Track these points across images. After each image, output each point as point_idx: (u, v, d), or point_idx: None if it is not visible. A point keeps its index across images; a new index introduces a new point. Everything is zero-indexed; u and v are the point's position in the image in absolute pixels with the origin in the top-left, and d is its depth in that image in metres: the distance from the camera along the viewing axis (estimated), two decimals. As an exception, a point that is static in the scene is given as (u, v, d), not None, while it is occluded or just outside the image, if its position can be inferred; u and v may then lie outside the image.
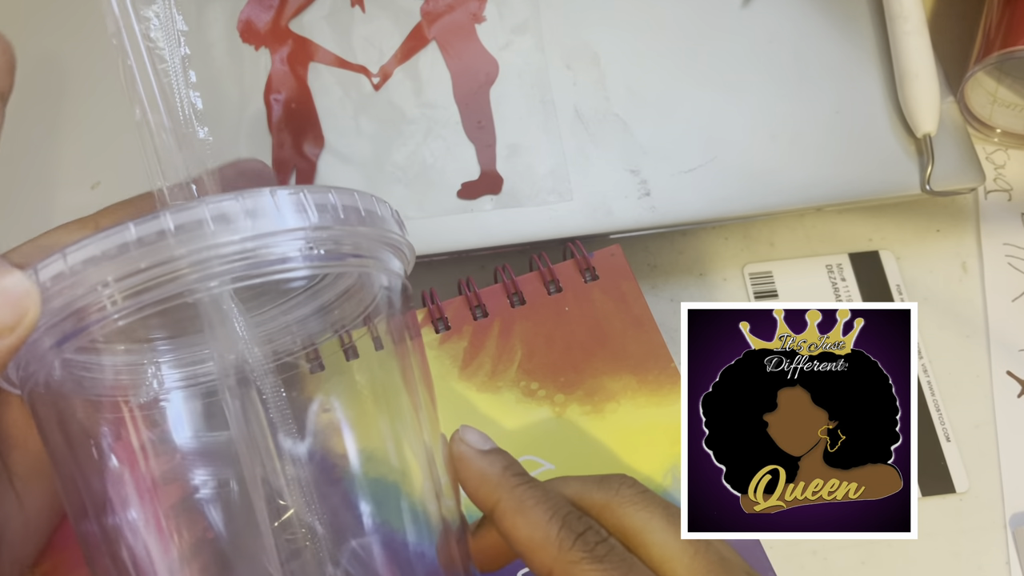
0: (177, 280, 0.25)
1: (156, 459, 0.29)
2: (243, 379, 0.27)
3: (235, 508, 0.29)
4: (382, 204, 0.29)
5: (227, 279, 0.25)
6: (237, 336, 0.27)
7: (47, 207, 0.44)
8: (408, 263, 0.31)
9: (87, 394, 0.28)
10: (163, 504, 0.29)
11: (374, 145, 0.46)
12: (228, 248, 0.25)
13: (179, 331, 0.30)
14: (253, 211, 0.25)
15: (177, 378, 0.30)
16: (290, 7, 0.48)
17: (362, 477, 0.31)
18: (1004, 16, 0.49)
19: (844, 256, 0.49)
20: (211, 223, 0.24)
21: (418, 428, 0.30)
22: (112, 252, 0.24)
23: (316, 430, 0.30)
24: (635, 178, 0.46)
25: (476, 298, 0.42)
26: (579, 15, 0.49)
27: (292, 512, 0.27)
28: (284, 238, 0.26)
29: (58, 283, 0.24)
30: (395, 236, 0.29)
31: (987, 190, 0.52)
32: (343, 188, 0.27)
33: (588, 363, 0.40)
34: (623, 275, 0.42)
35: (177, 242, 0.24)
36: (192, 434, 0.30)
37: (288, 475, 0.27)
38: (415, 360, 0.31)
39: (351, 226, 0.27)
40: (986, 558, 0.43)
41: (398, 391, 0.31)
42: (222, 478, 0.29)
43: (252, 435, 0.27)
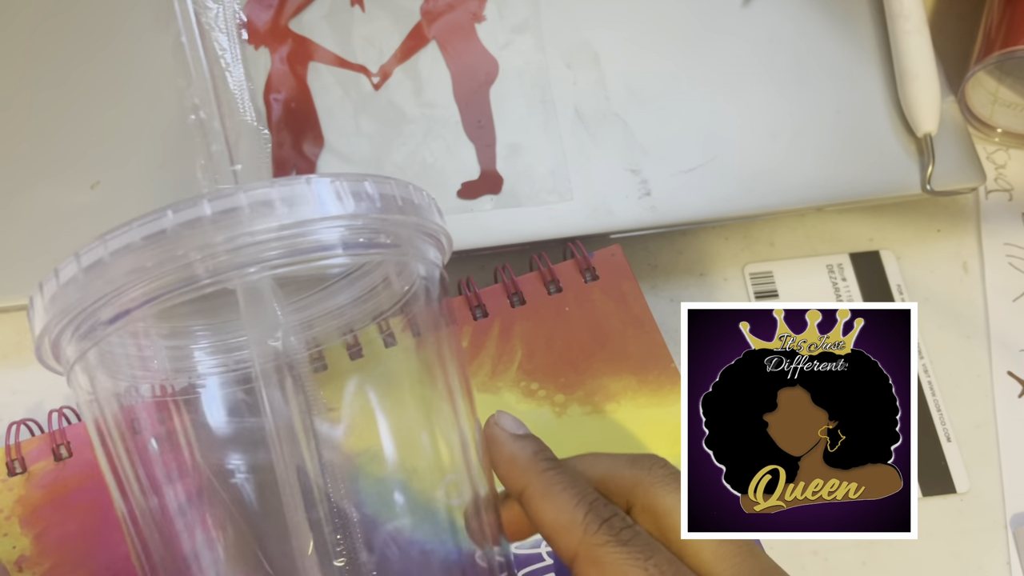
0: (214, 266, 0.25)
1: (191, 444, 0.29)
2: (279, 366, 0.27)
3: (269, 495, 0.29)
4: (419, 192, 0.29)
5: (266, 266, 0.25)
6: (275, 323, 0.27)
7: (47, 207, 0.44)
8: (446, 252, 0.31)
9: (124, 377, 0.29)
10: (196, 488, 0.29)
11: (374, 145, 0.46)
12: (266, 235, 0.25)
13: (219, 317, 0.30)
14: (290, 199, 0.25)
15: (214, 364, 0.31)
16: (290, 6, 0.48)
17: (396, 463, 0.31)
18: (1005, 16, 0.49)
19: (845, 256, 0.49)
20: (248, 209, 0.24)
21: (453, 414, 0.30)
22: (152, 238, 0.24)
23: (352, 418, 0.30)
24: (635, 178, 0.46)
25: (476, 298, 0.41)
26: (579, 15, 0.49)
27: (323, 496, 0.27)
28: (322, 225, 0.26)
29: (97, 269, 0.25)
30: (433, 225, 0.29)
31: (988, 190, 0.52)
32: (380, 176, 0.27)
33: (588, 363, 0.40)
34: (623, 275, 0.42)
35: (214, 228, 0.24)
36: (227, 420, 0.30)
37: (323, 463, 0.27)
38: (450, 348, 0.31)
39: (388, 214, 0.27)
40: (987, 558, 0.43)
41: (434, 378, 0.31)
42: (256, 465, 0.30)
43: (288, 423, 0.27)
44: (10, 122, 0.46)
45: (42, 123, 0.46)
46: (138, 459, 0.28)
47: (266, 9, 0.48)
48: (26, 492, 0.39)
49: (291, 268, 0.26)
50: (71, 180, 0.44)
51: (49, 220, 0.44)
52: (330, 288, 0.31)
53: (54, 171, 0.45)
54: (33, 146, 0.45)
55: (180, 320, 0.30)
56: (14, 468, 0.39)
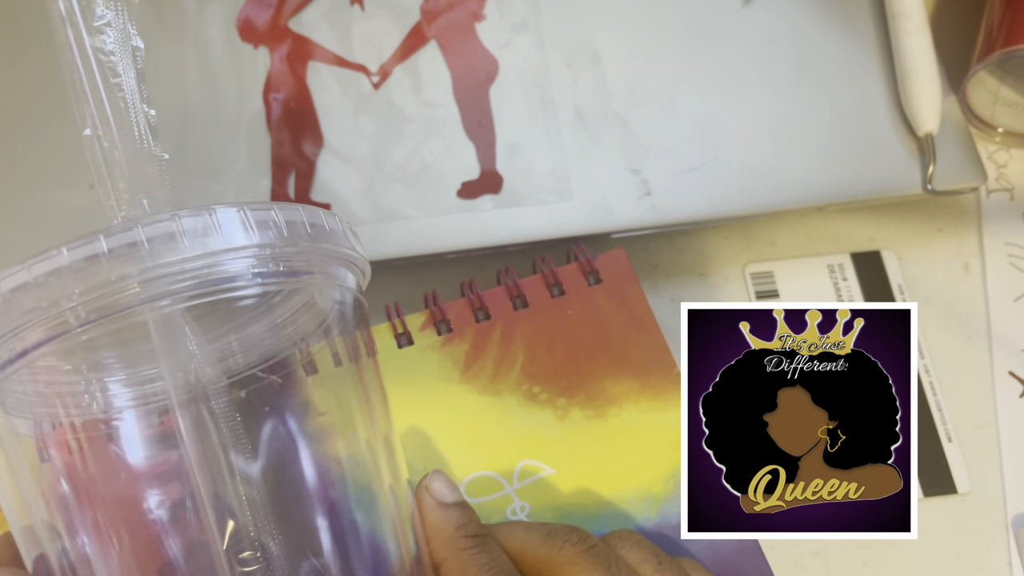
0: (115, 304, 0.24)
1: (107, 479, 0.28)
2: (194, 397, 0.27)
3: (189, 528, 0.29)
4: (331, 218, 0.28)
5: (178, 298, 0.25)
6: (188, 354, 0.27)
7: (47, 207, 0.44)
8: (363, 276, 0.31)
9: (33, 414, 0.28)
10: (114, 524, 0.28)
11: (373, 144, 0.46)
12: (168, 269, 0.24)
13: (132, 350, 0.29)
14: (195, 231, 0.25)
15: (129, 397, 0.30)
16: (289, 6, 0.48)
17: (318, 494, 0.30)
18: (1006, 15, 0.49)
19: (846, 256, 0.49)
20: (146, 244, 0.24)
21: (372, 446, 0.30)
22: (41, 280, 0.24)
23: (271, 447, 0.30)
24: (636, 177, 0.46)
25: (478, 300, 0.41)
26: (580, 14, 0.49)
27: (243, 529, 0.27)
28: (227, 256, 0.25)
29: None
30: (346, 250, 0.29)
31: (989, 190, 0.52)
32: (288, 204, 0.27)
33: (590, 367, 0.40)
34: (627, 278, 0.42)
35: (110, 265, 0.24)
36: (145, 453, 0.29)
37: (241, 494, 0.27)
38: (370, 377, 0.31)
39: (297, 242, 0.27)
40: (988, 559, 0.43)
41: (353, 408, 0.31)
42: (175, 498, 0.29)
43: (204, 454, 0.27)
44: (9, 122, 0.46)
45: (41, 123, 0.46)
46: (49, 499, 0.28)
47: (265, 8, 0.48)
48: None
49: (200, 300, 0.25)
50: (70, 180, 0.44)
51: (48, 220, 0.44)
52: (246, 317, 0.31)
53: (53, 171, 0.45)
54: (32, 146, 0.45)
55: (90, 353, 0.29)
56: None
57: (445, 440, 0.39)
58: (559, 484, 0.38)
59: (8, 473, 0.28)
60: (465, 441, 0.39)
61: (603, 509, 0.38)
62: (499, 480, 0.38)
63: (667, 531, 0.37)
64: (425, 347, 0.41)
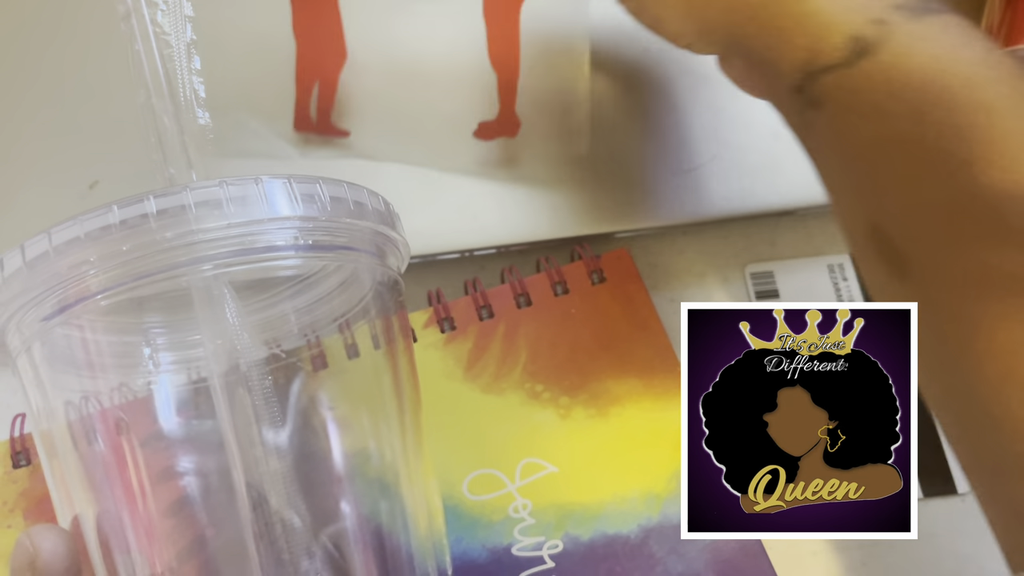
0: (159, 264, 0.25)
1: (140, 441, 0.29)
2: (232, 366, 0.27)
3: (217, 495, 0.29)
4: (375, 197, 0.29)
5: (221, 263, 0.25)
6: (227, 323, 0.27)
7: (47, 207, 0.44)
8: (402, 259, 0.31)
9: (72, 370, 0.28)
10: (144, 486, 0.29)
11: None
12: (212, 234, 0.25)
13: (174, 315, 0.30)
14: (239, 198, 0.25)
15: (169, 361, 0.30)
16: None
17: (344, 473, 0.31)
18: (1006, 15, 0.49)
19: (846, 256, 0.49)
20: (193, 208, 0.25)
21: (400, 430, 0.30)
22: (95, 233, 0.24)
23: (302, 423, 0.30)
24: (636, 178, 0.46)
25: (482, 298, 0.41)
26: (580, 14, 0.49)
27: (269, 502, 0.27)
28: (273, 226, 0.26)
29: (42, 262, 0.25)
30: (388, 231, 0.29)
31: (989, 190, 0.52)
32: (334, 180, 0.27)
33: (593, 366, 0.40)
34: (630, 278, 0.42)
35: (159, 226, 0.24)
36: (179, 419, 0.30)
37: (269, 466, 0.27)
38: (404, 361, 0.31)
39: (340, 218, 0.27)
40: (988, 559, 0.43)
41: (385, 392, 0.31)
42: (206, 465, 0.30)
43: (236, 423, 0.27)
44: (9, 122, 0.46)
45: (41, 123, 0.46)
46: (83, 455, 0.28)
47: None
48: (30, 484, 0.39)
49: (242, 267, 0.26)
50: (70, 180, 0.44)
51: (48, 220, 0.44)
52: (286, 292, 0.31)
53: (53, 171, 0.45)
54: (32, 146, 0.45)
55: (134, 315, 0.30)
56: (19, 460, 0.39)
57: (447, 438, 0.39)
58: (561, 482, 0.38)
59: (47, 435, 0.28)
60: (467, 439, 0.39)
61: (605, 508, 0.38)
62: (501, 478, 0.38)
63: (669, 530, 0.37)
64: (428, 345, 0.41)
